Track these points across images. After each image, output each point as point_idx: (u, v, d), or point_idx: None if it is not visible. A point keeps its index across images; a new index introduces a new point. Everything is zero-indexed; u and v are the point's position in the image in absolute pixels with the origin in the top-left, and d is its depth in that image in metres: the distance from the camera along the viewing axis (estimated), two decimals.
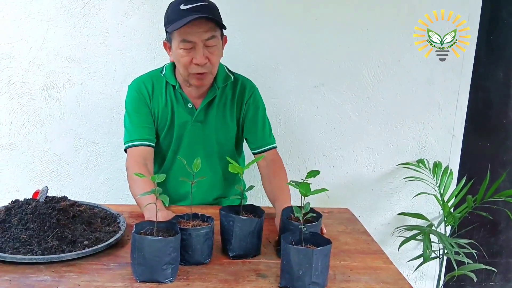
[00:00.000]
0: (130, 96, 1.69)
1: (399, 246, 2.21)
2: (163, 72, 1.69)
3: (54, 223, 1.27)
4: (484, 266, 2.26)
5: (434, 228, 2.27)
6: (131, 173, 1.52)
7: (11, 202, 1.39)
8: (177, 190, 1.74)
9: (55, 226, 1.27)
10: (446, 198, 2.26)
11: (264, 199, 1.74)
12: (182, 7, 1.50)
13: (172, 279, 1.16)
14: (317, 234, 1.23)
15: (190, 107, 1.68)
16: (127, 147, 1.64)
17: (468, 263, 2.21)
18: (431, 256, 2.18)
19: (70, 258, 1.21)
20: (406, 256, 2.34)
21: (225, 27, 1.58)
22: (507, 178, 2.40)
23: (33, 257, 1.19)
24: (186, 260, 1.23)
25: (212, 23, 1.52)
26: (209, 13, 1.50)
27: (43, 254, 1.20)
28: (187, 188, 1.64)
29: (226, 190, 1.82)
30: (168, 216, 1.35)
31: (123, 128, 1.68)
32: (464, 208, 2.23)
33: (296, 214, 1.20)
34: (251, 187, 1.39)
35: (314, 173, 1.20)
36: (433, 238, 2.18)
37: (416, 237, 2.19)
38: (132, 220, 1.50)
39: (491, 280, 2.59)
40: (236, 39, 2.08)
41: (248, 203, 1.50)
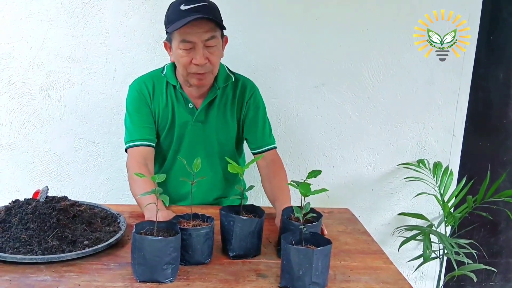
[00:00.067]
0: (130, 96, 1.69)
1: (399, 246, 2.21)
2: (164, 72, 1.69)
3: (54, 223, 1.27)
4: (484, 266, 2.26)
5: (434, 228, 2.27)
6: (131, 173, 1.52)
7: (12, 202, 1.40)
8: (177, 190, 1.74)
9: (55, 226, 1.27)
10: (446, 198, 2.26)
11: (264, 199, 1.74)
12: (182, 8, 1.50)
13: (172, 279, 1.16)
14: (317, 234, 1.23)
15: (191, 107, 1.68)
16: (128, 147, 1.64)
17: (468, 263, 2.21)
18: (431, 256, 2.17)
19: (70, 258, 1.21)
20: (406, 256, 2.34)
21: (225, 28, 1.58)
22: (507, 178, 2.39)
23: (33, 257, 1.19)
24: (186, 260, 1.23)
25: (212, 23, 1.51)
26: (209, 13, 1.50)
27: (43, 254, 1.20)
28: (187, 188, 1.64)
29: (226, 190, 1.82)
30: (168, 216, 1.35)
31: (123, 128, 1.68)
32: (464, 208, 2.23)
33: (296, 214, 1.20)
34: (251, 187, 1.39)
35: (315, 173, 1.20)
36: (433, 238, 2.18)
37: (416, 237, 2.19)
38: (132, 220, 1.50)
39: (491, 280, 2.59)
40: (236, 39, 2.08)
41: (248, 203, 1.50)
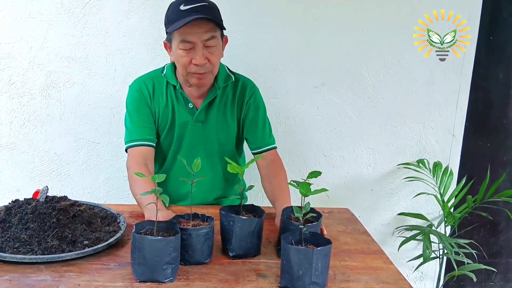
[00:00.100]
0: (131, 96, 1.69)
1: (399, 246, 2.21)
2: (164, 72, 1.69)
3: (54, 223, 1.27)
4: (484, 266, 2.26)
5: (434, 228, 2.27)
6: (131, 173, 1.52)
7: (11, 201, 1.40)
8: (177, 190, 1.74)
9: (55, 226, 1.27)
10: (446, 198, 2.26)
11: (264, 199, 1.74)
12: (182, 8, 1.50)
13: (172, 279, 1.16)
14: (317, 234, 1.23)
15: (191, 107, 1.68)
16: (128, 147, 1.64)
17: (468, 263, 2.21)
18: (431, 256, 2.18)
19: (70, 258, 1.22)
20: (406, 256, 2.34)
21: (224, 28, 1.58)
22: (507, 178, 2.39)
23: (33, 256, 1.19)
24: (186, 260, 1.24)
25: (212, 23, 1.51)
26: (208, 13, 1.50)
27: (43, 254, 1.20)
28: (187, 188, 1.64)
29: (226, 190, 1.82)
30: (168, 216, 1.35)
31: (123, 128, 1.68)
32: (464, 208, 2.23)
33: (296, 214, 1.20)
34: (251, 187, 1.39)
35: (315, 173, 1.20)
36: (433, 238, 2.18)
37: (416, 237, 2.19)
38: (132, 220, 1.50)
39: (491, 280, 2.59)
40: (236, 39, 2.08)
41: (248, 203, 1.50)
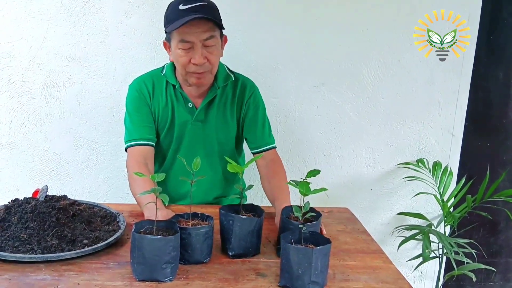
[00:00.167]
0: (130, 95, 1.69)
1: (399, 246, 2.21)
2: (164, 72, 1.69)
3: (53, 222, 1.28)
4: (483, 266, 2.26)
5: (433, 227, 2.27)
6: (131, 172, 1.52)
7: (11, 201, 1.40)
8: (177, 190, 1.74)
9: (54, 225, 1.27)
10: (445, 198, 2.26)
11: (263, 199, 1.74)
12: (181, 7, 1.50)
13: (172, 278, 1.16)
14: (316, 233, 1.23)
15: (191, 106, 1.68)
16: (128, 147, 1.64)
17: (467, 262, 2.21)
18: (430, 256, 2.18)
19: (69, 257, 1.22)
20: (406, 255, 2.34)
21: (224, 27, 1.58)
22: (506, 178, 2.39)
23: (32, 255, 1.19)
24: (185, 259, 1.24)
25: (211, 23, 1.51)
26: (207, 13, 1.50)
27: (42, 253, 1.20)
28: (187, 188, 1.63)
29: (226, 190, 1.82)
30: (167, 215, 1.35)
31: (123, 127, 1.68)
32: (464, 208, 2.23)
33: (296, 213, 1.20)
34: (251, 186, 1.39)
35: (314, 172, 1.20)
36: (432, 237, 2.18)
37: (415, 236, 2.19)
38: (131, 219, 1.50)
39: (490, 280, 2.60)
40: (236, 38, 2.08)
41: (248, 202, 1.50)
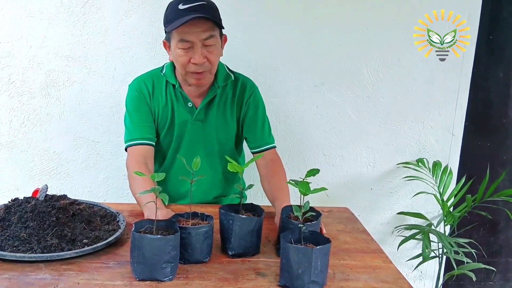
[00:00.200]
0: (130, 95, 1.69)
1: (399, 245, 2.21)
2: (163, 71, 1.69)
3: (53, 222, 1.27)
4: (483, 266, 2.26)
5: (433, 227, 2.27)
6: (131, 171, 1.52)
7: (11, 200, 1.39)
8: (177, 189, 1.74)
9: (54, 225, 1.27)
10: (445, 198, 2.26)
11: (263, 198, 1.74)
12: (180, 7, 1.50)
13: (172, 278, 1.16)
14: (316, 233, 1.23)
15: (190, 106, 1.68)
16: (128, 146, 1.64)
17: (467, 262, 2.21)
18: (430, 256, 2.18)
19: (69, 257, 1.22)
20: (406, 255, 2.34)
21: (223, 27, 1.58)
22: (506, 177, 2.39)
23: (32, 255, 1.19)
24: (185, 258, 1.24)
25: (211, 22, 1.51)
26: (207, 12, 1.50)
27: (42, 252, 1.20)
28: (187, 187, 1.63)
29: (226, 189, 1.82)
30: (167, 215, 1.35)
31: (123, 126, 1.68)
32: (464, 208, 2.23)
33: (296, 213, 1.20)
34: (251, 186, 1.39)
35: (314, 171, 1.21)
36: (432, 237, 2.18)
37: (415, 236, 2.19)
38: (131, 219, 1.50)
39: (490, 280, 2.60)
40: (236, 38, 2.08)
41: (247, 202, 1.50)
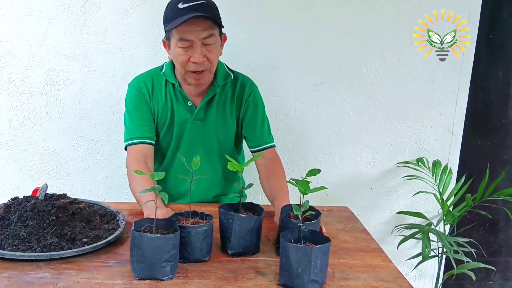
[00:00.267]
0: (130, 94, 1.69)
1: (398, 245, 2.21)
2: (163, 70, 1.69)
3: (53, 220, 1.28)
4: (483, 265, 2.26)
5: (433, 226, 2.27)
6: (131, 170, 1.52)
7: (11, 199, 1.40)
8: (177, 188, 1.74)
9: (54, 224, 1.27)
10: (445, 197, 2.26)
11: (263, 197, 1.74)
12: (180, 6, 1.50)
13: (171, 277, 1.17)
14: (316, 232, 1.23)
15: (190, 105, 1.68)
16: (127, 145, 1.64)
17: (467, 261, 2.21)
18: (430, 255, 2.18)
19: (69, 255, 1.22)
20: (405, 254, 2.34)
21: (223, 26, 1.58)
22: (506, 177, 2.39)
23: (32, 254, 1.19)
24: (185, 257, 1.24)
25: (210, 21, 1.51)
26: (206, 11, 1.50)
27: (42, 251, 1.21)
28: (186, 186, 1.63)
29: (225, 188, 1.82)
30: (167, 214, 1.35)
31: (122, 126, 1.68)
32: (463, 207, 2.23)
33: (295, 212, 1.20)
34: (250, 185, 1.39)
35: (314, 171, 1.20)
36: (432, 236, 2.18)
37: (415, 235, 2.19)
38: (131, 218, 1.50)
39: (490, 279, 2.60)
40: (236, 37, 2.08)
41: (247, 201, 1.50)
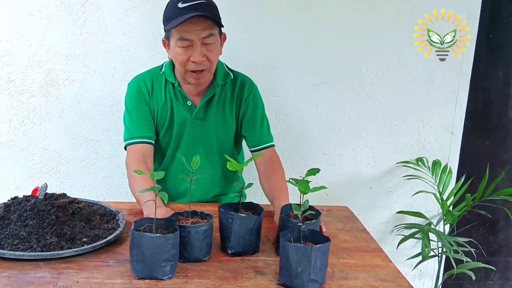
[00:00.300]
0: (129, 94, 1.69)
1: (398, 244, 2.21)
2: (163, 70, 1.69)
3: (53, 220, 1.28)
4: (483, 265, 2.26)
5: (433, 226, 2.27)
6: (130, 170, 1.52)
7: (10, 199, 1.40)
8: (176, 188, 1.74)
9: (54, 223, 1.27)
10: (445, 197, 2.26)
11: (263, 197, 1.74)
12: (180, 5, 1.50)
13: (171, 276, 1.17)
14: (316, 231, 1.23)
15: (190, 104, 1.68)
16: (127, 145, 1.64)
17: (467, 261, 2.21)
18: (430, 255, 2.18)
19: (69, 255, 1.22)
20: (405, 254, 2.34)
21: (222, 25, 1.58)
22: (506, 176, 2.39)
23: (32, 253, 1.19)
24: (185, 257, 1.24)
25: (210, 21, 1.51)
26: (206, 11, 1.50)
27: (42, 251, 1.21)
28: (186, 186, 1.63)
29: (225, 188, 1.82)
30: (167, 213, 1.35)
31: (122, 125, 1.69)
32: (463, 207, 2.23)
33: (295, 211, 1.20)
34: (250, 184, 1.39)
35: (314, 171, 1.21)
36: (432, 236, 2.18)
37: (415, 235, 2.19)
38: (131, 217, 1.50)
39: (490, 279, 2.60)
40: (236, 37, 2.08)
41: (247, 200, 1.50)
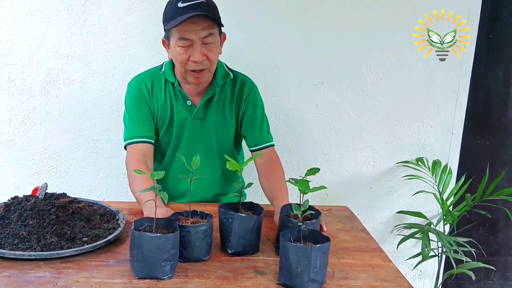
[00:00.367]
0: (129, 93, 1.69)
1: (398, 244, 2.21)
2: (162, 70, 1.69)
3: (53, 220, 1.28)
4: (483, 265, 2.26)
5: (433, 226, 2.27)
6: (130, 170, 1.52)
7: (11, 198, 1.40)
8: (176, 187, 1.74)
9: (54, 223, 1.27)
10: (445, 197, 2.26)
11: (263, 197, 1.74)
12: (179, 5, 1.50)
13: (171, 276, 1.17)
14: (315, 231, 1.23)
15: (189, 104, 1.68)
16: (127, 144, 1.64)
17: (467, 261, 2.21)
18: (429, 255, 2.18)
19: (69, 255, 1.22)
20: (405, 254, 2.34)
21: (222, 25, 1.58)
22: (506, 176, 2.40)
23: (32, 253, 1.19)
24: (185, 257, 1.24)
25: (210, 20, 1.51)
26: (206, 10, 1.50)
27: (42, 251, 1.21)
28: (186, 185, 1.64)
29: (225, 188, 1.82)
30: (167, 213, 1.35)
31: (122, 125, 1.69)
32: (463, 207, 2.23)
33: (295, 211, 1.20)
34: (250, 184, 1.39)
35: (313, 170, 1.21)
36: (432, 236, 2.18)
37: (415, 235, 2.19)
38: (131, 217, 1.50)
39: (489, 279, 2.60)
40: (236, 37, 2.08)
41: (247, 200, 1.50)
